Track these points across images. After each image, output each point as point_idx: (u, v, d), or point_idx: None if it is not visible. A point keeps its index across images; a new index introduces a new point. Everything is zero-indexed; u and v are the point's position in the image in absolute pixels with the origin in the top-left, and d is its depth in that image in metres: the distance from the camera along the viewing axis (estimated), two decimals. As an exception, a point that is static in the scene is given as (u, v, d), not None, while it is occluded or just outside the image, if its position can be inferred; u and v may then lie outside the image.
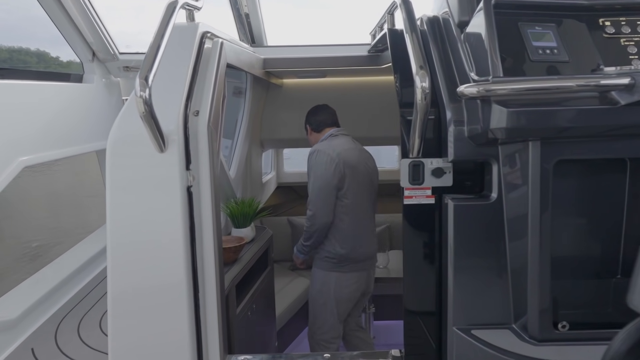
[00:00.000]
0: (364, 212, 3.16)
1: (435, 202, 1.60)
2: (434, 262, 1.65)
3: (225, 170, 2.82)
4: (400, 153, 1.60)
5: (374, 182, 3.26)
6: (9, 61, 3.15)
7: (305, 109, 4.16)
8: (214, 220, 1.65)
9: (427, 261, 1.67)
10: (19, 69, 2.85)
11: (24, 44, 3.16)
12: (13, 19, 3.23)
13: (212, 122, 1.66)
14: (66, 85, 2.92)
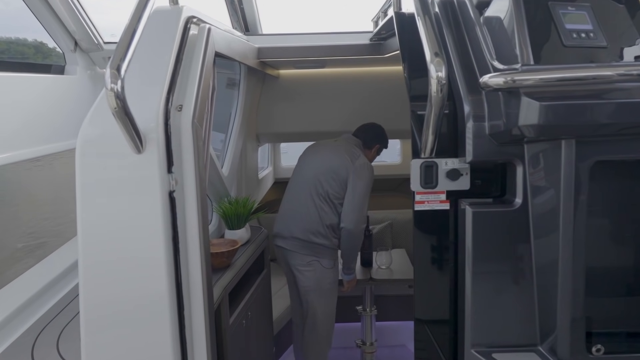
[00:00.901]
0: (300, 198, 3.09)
1: (450, 207, 1.42)
2: (448, 274, 1.47)
3: (218, 167, 2.63)
4: (411, 152, 1.41)
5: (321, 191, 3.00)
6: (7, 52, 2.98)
7: (303, 101, 3.98)
8: (200, 228, 1.46)
9: (441, 273, 1.49)
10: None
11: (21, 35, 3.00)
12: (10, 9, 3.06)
13: (198, 118, 1.47)
14: (46, 77, 2.72)
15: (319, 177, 3.01)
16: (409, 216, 4.43)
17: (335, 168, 2.97)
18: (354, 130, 3.90)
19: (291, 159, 5.00)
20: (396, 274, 3.37)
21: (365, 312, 3.54)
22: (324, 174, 3.00)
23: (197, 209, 1.46)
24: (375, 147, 3.17)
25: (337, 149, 3.08)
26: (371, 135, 3.17)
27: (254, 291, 2.67)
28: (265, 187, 4.36)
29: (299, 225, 3.05)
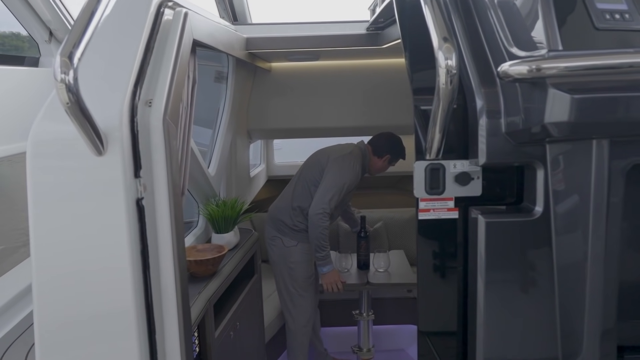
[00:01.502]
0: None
1: (459, 215, 1.24)
2: (456, 285, 1.30)
3: (203, 167, 2.44)
4: (414, 153, 1.23)
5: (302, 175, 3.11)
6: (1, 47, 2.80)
7: (296, 95, 3.79)
8: (174, 240, 1.28)
9: (448, 284, 1.32)
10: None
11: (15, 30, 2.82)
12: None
13: (171, 115, 1.28)
14: (18, 69, 2.52)
15: (307, 164, 3.12)
16: (407, 215, 4.28)
17: (320, 156, 3.05)
18: (348, 125, 3.72)
19: (285, 156, 4.82)
20: (394, 278, 3.19)
21: (362, 317, 3.37)
22: (312, 163, 3.09)
23: (170, 218, 1.27)
24: (385, 157, 3.07)
25: (339, 146, 3.09)
26: (382, 144, 3.09)
27: (243, 299, 2.49)
28: (258, 186, 4.18)
29: (275, 202, 3.22)
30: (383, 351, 3.89)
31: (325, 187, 2.84)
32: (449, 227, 1.27)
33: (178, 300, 1.30)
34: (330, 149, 3.07)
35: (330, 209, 2.80)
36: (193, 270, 2.14)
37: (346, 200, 3.14)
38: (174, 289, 1.29)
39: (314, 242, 2.84)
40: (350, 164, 2.90)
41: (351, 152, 2.97)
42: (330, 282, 2.93)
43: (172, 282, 1.29)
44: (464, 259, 1.27)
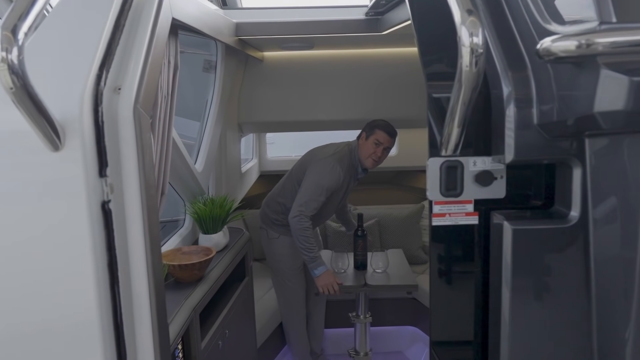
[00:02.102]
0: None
1: (480, 221, 1.07)
2: (473, 299, 1.14)
3: (189, 163, 2.26)
4: (428, 149, 1.06)
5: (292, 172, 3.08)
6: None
7: (289, 86, 3.60)
8: (147, 248, 1.10)
9: (464, 297, 1.15)
10: None
11: None
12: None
13: (143, 103, 1.10)
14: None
15: (299, 161, 3.08)
16: (405, 212, 4.12)
17: (309, 156, 3.01)
18: (345, 118, 3.55)
19: (278, 150, 4.64)
20: (393, 279, 3.02)
21: (359, 319, 3.20)
22: (302, 161, 3.05)
23: (144, 224, 1.09)
24: (362, 136, 2.90)
25: (329, 146, 3.02)
26: (362, 130, 2.95)
27: (233, 305, 2.32)
28: (250, 181, 3.99)
29: (269, 193, 3.20)
30: (380, 353, 3.74)
31: (302, 190, 2.78)
32: (466, 234, 1.10)
33: (153, 321, 1.12)
34: (319, 149, 2.98)
35: (309, 212, 2.72)
36: (177, 275, 1.96)
37: (335, 201, 2.99)
38: (149, 308, 1.11)
39: (298, 245, 2.75)
40: (329, 166, 2.79)
41: (334, 154, 2.86)
42: (324, 284, 2.77)
43: (146, 299, 1.11)
44: (483, 268, 1.11)
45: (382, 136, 2.80)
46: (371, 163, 2.85)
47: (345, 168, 2.84)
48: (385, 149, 2.84)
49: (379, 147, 2.81)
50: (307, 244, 2.73)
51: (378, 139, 2.80)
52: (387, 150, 2.87)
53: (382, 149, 2.82)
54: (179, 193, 2.41)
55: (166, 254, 2.05)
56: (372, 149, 2.81)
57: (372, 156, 2.82)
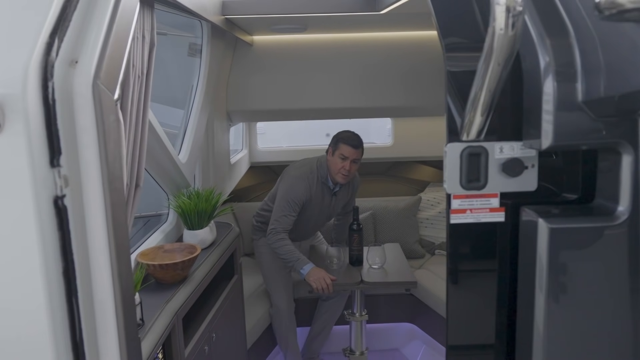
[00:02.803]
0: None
1: (507, 218, 0.91)
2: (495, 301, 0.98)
3: (172, 153, 2.08)
4: (446, 133, 0.90)
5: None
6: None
7: (281, 72, 3.41)
8: (112, 252, 0.93)
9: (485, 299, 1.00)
10: None
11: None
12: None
13: (107, 79, 0.92)
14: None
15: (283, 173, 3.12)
16: (402, 204, 3.96)
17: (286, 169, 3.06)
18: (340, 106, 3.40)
19: (269, 141, 4.45)
20: (391, 275, 2.87)
21: (355, 317, 3.05)
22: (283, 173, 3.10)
23: (107, 223, 0.92)
24: (329, 149, 2.89)
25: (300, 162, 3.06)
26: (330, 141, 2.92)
27: (221, 306, 2.15)
28: (239, 173, 3.81)
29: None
30: (376, 351, 3.60)
31: (275, 206, 2.89)
32: (489, 232, 0.94)
33: (121, 337, 0.95)
34: (291, 166, 3.04)
35: (282, 226, 2.81)
36: (158, 276, 1.79)
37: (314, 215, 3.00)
38: (115, 322, 0.94)
39: (280, 257, 2.85)
40: (293, 181, 2.87)
41: (300, 168, 2.94)
42: (315, 279, 2.69)
43: (111, 312, 0.93)
44: (508, 270, 0.95)
45: (346, 150, 2.78)
46: (341, 178, 2.83)
47: (312, 182, 2.87)
48: (353, 162, 2.80)
49: (345, 162, 2.78)
50: (286, 251, 2.77)
51: (343, 154, 2.78)
52: (356, 162, 2.83)
53: (350, 162, 2.79)
54: (161, 186, 2.23)
55: (146, 252, 1.88)
56: (340, 163, 2.79)
57: (341, 171, 2.80)
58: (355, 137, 2.82)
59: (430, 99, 3.40)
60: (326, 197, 2.96)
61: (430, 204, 4.00)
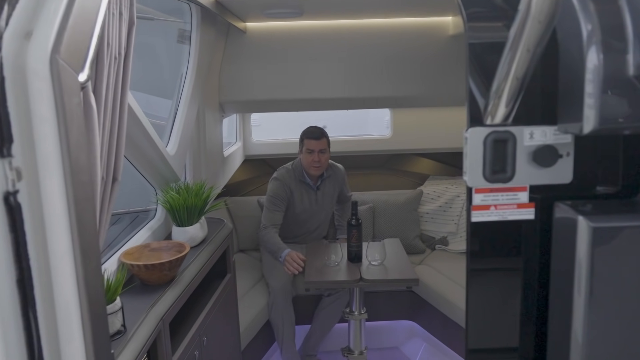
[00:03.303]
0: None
1: (537, 215, 0.78)
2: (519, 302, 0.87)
3: (158, 145, 1.94)
4: (467, 117, 0.77)
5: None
6: None
7: (276, 61, 3.27)
8: (77, 256, 0.80)
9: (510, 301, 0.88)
10: None
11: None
12: None
13: (68, 55, 0.79)
14: None
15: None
16: (402, 197, 3.83)
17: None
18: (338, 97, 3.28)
19: (264, 133, 4.31)
20: (392, 272, 2.75)
21: (354, 315, 2.93)
22: None
23: (71, 222, 0.79)
24: (299, 150, 3.15)
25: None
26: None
27: (212, 307, 2.02)
28: (233, 166, 3.68)
29: None
30: (375, 349, 3.49)
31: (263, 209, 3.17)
32: (514, 229, 0.81)
33: (89, 354, 0.82)
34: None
35: (269, 222, 3.06)
36: (143, 277, 1.66)
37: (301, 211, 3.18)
38: (81, 338, 0.81)
39: (268, 251, 3.09)
40: (273, 182, 3.13)
41: (280, 169, 3.18)
42: (287, 264, 2.88)
43: (77, 326, 0.80)
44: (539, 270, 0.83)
45: (310, 143, 3.03)
46: (315, 170, 3.08)
47: (290, 180, 3.11)
48: (320, 152, 3.03)
49: (313, 154, 3.02)
50: (271, 243, 3.01)
51: (309, 148, 3.03)
52: (324, 152, 3.05)
53: (317, 154, 3.02)
54: (148, 179, 2.09)
55: (131, 251, 1.75)
56: (309, 157, 3.04)
57: (312, 164, 3.05)
58: (315, 130, 3.06)
59: (432, 88, 3.27)
60: (310, 193, 3.18)
61: (431, 197, 3.88)
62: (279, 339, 3.04)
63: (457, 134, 3.97)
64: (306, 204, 3.17)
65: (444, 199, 3.83)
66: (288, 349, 3.05)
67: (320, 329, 3.24)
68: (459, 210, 3.76)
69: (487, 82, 0.72)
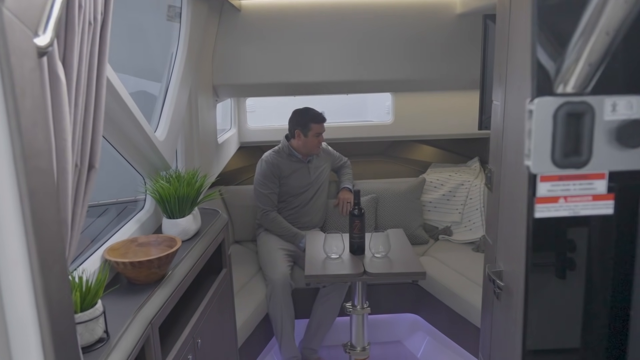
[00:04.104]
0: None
1: (616, 209, 0.62)
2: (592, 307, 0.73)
3: (146, 130, 1.76)
4: (531, 87, 0.60)
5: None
6: None
7: (273, 42, 3.08)
8: (34, 262, 0.63)
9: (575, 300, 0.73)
10: None
11: None
12: None
13: (20, 8, 0.61)
14: None
15: None
16: (404, 186, 3.67)
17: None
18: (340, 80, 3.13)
19: (260, 119, 4.13)
20: (397, 265, 2.59)
21: (356, 310, 2.79)
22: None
23: (24, 221, 0.62)
24: (297, 133, 3.11)
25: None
26: (290, 126, 3.18)
27: (207, 306, 1.86)
28: (228, 154, 3.50)
29: None
30: (377, 344, 3.37)
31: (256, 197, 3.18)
32: (583, 223, 0.66)
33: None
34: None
35: (268, 206, 3.10)
36: (130, 275, 1.50)
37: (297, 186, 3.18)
38: (41, 357, 0.65)
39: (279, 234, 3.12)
40: (261, 164, 3.16)
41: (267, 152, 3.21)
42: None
43: (36, 346, 0.64)
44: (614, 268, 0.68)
45: (319, 127, 3.08)
46: (317, 151, 3.18)
47: (277, 158, 3.12)
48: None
49: (320, 137, 3.11)
50: (282, 229, 3.06)
51: (317, 132, 3.08)
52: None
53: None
54: (135, 167, 1.92)
55: (116, 246, 1.58)
56: (316, 141, 3.10)
57: (318, 145, 3.15)
58: (319, 112, 3.10)
59: (437, 71, 3.10)
60: (302, 167, 3.18)
61: (434, 185, 3.73)
62: (278, 334, 2.91)
63: (461, 119, 3.82)
64: (300, 179, 3.18)
65: (448, 187, 3.68)
66: (287, 345, 2.91)
67: (320, 323, 3.11)
68: (463, 199, 3.62)
69: (558, 40, 0.56)
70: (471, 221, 3.56)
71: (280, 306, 2.84)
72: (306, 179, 3.20)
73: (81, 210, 1.01)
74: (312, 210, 3.27)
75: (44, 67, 0.80)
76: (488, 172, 1.90)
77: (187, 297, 1.81)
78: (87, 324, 1.16)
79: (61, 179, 0.90)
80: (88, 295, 1.17)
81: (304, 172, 3.19)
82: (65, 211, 0.94)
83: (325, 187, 3.36)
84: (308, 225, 3.26)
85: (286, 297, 2.86)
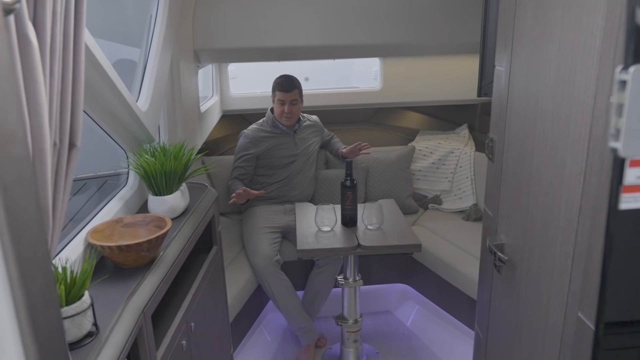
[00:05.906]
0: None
1: None
2: None
3: (128, 100, 1.60)
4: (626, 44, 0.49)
5: None
6: None
7: (256, 3, 2.89)
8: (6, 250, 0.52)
9: None
10: None
11: None
12: None
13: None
14: None
15: None
16: (393, 155, 3.57)
17: None
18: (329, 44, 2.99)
19: (242, 86, 3.95)
20: (391, 238, 2.53)
21: (348, 283, 2.74)
22: None
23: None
24: (272, 99, 3.08)
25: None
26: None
27: (199, 288, 1.76)
28: (211, 123, 3.34)
29: None
30: (368, 314, 3.35)
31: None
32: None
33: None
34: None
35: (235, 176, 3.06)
36: (117, 260, 1.38)
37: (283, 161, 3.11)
38: None
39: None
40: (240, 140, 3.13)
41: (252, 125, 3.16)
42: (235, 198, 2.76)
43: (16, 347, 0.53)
44: None
45: (281, 95, 2.97)
46: (285, 120, 3.04)
47: (260, 132, 3.07)
48: (291, 103, 2.98)
49: (284, 106, 2.98)
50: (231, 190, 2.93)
51: (280, 99, 2.97)
52: (295, 103, 3.00)
53: (288, 105, 2.97)
54: (117, 141, 1.77)
55: (100, 228, 1.45)
56: (280, 108, 3.00)
57: (283, 115, 3.01)
58: (286, 81, 2.97)
59: (428, 34, 2.97)
60: (288, 137, 3.10)
61: (423, 154, 3.65)
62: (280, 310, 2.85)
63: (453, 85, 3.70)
64: (286, 150, 3.10)
65: (437, 155, 3.61)
66: (291, 318, 2.86)
67: (316, 294, 3.04)
68: (452, 167, 3.56)
69: None
70: (461, 189, 3.50)
71: (269, 287, 2.77)
72: (292, 150, 3.10)
73: (63, 196, 0.89)
74: (301, 183, 3.17)
75: (11, 28, 0.66)
76: (489, 141, 1.80)
77: (177, 280, 1.70)
78: (74, 319, 1.05)
79: (38, 162, 0.77)
80: (74, 287, 1.05)
81: (289, 144, 3.10)
82: (45, 198, 0.81)
83: (313, 160, 3.25)
84: (297, 198, 3.16)
85: (273, 277, 2.77)
